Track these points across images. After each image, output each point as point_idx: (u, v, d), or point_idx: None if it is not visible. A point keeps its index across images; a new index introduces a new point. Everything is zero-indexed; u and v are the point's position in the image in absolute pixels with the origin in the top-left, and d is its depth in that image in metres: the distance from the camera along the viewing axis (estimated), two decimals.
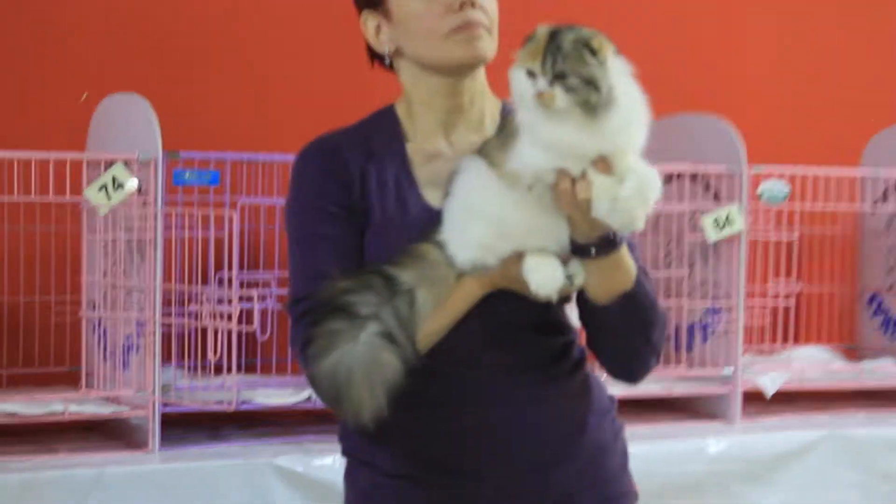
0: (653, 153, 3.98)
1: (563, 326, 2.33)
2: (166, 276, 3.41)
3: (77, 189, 3.37)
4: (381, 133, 2.36)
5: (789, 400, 4.19)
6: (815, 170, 4.16)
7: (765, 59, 4.73)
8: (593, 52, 2.02)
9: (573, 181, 2.05)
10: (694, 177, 4.00)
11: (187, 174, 3.46)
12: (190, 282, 3.41)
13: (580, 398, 2.35)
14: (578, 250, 2.15)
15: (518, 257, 2.15)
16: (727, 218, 3.90)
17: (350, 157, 2.30)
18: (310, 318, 2.17)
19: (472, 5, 2.27)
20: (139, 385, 3.39)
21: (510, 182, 2.10)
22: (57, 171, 3.36)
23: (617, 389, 3.67)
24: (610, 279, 2.20)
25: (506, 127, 2.16)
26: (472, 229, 2.15)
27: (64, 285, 3.70)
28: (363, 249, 2.27)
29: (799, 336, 4.47)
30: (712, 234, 3.91)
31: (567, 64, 2.01)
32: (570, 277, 2.17)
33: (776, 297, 4.22)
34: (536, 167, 2.07)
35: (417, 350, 2.15)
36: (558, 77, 2.01)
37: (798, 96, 4.75)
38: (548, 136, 2.04)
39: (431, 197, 2.27)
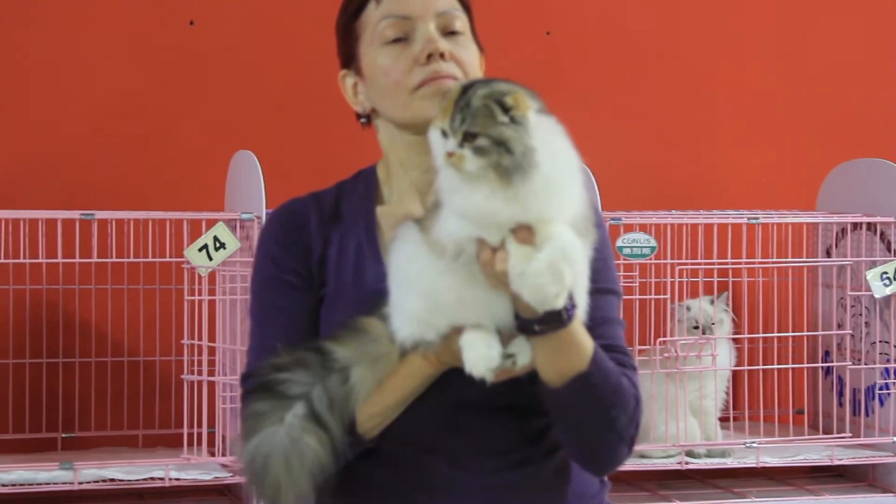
0: (825, 202, 3.72)
1: (541, 406, 2.07)
2: None
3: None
4: (354, 195, 2.22)
5: None
6: None
7: None
8: (505, 109, 1.81)
9: (493, 251, 1.84)
10: (868, 227, 3.69)
11: None
12: None
13: (554, 485, 2.13)
14: (521, 326, 1.92)
15: (457, 333, 1.94)
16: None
17: (314, 221, 2.18)
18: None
19: (442, 56, 2.11)
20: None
21: (437, 251, 1.90)
22: (160, 231, 3.38)
23: (772, 458, 3.53)
24: (560, 359, 1.96)
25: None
26: (406, 301, 1.97)
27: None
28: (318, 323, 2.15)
29: None
30: (879, 290, 3.58)
31: (476, 122, 1.82)
32: (510, 357, 1.94)
33: None
34: (456, 236, 1.87)
35: (355, 433, 2.02)
36: (468, 137, 1.81)
37: None
38: (461, 203, 1.85)
39: None
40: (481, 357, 1.91)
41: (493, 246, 1.84)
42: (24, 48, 3.80)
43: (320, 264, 2.16)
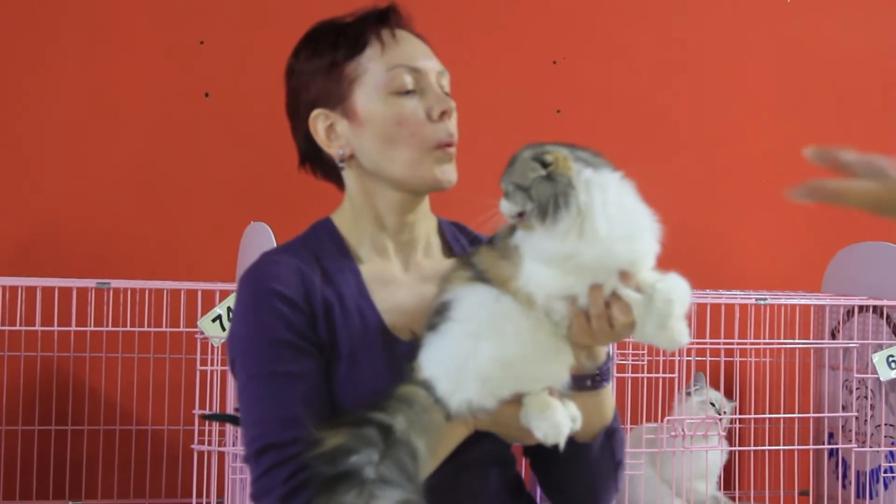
0: (831, 284, 3.73)
1: (513, 459, 2.16)
2: None
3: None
4: (328, 251, 2.14)
5: None
6: None
7: None
8: (544, 165, 1.89)
9: (607, 304, 1.86)
10: (874, 309, 3.70)
11: None
12: None
13: None
14: (576, 383, 1.96)
15: (517, 402, 1.95)
16: None
17: (312, 280, 2.08)
18: (298, 478, 1.95)
19: (449, 117, 2.11)
20: None
21: (524, 301, 1.90)
22: (172, 300, 3.41)
23: None
24: (597, 414, 2.04)
25: (495, 241, 1.97)
26: (478, 355, 1.91)
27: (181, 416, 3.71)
28: (330, 386, 2.06)
29: None
30: (885, 373, 3.59)
31: (512, 176, 1.90)
32: (573, 420, 1.97)
33: None
34: (548, 288, 1.89)
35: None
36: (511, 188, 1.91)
37: None
38: (535, 246, 1.88)
39: (394, 327, 2.07)
40: (557, 425, 1.93)
41: (604, 295, 1.86)
42: (42, 118, 3.84)
43: (328, 328, 2.06)
